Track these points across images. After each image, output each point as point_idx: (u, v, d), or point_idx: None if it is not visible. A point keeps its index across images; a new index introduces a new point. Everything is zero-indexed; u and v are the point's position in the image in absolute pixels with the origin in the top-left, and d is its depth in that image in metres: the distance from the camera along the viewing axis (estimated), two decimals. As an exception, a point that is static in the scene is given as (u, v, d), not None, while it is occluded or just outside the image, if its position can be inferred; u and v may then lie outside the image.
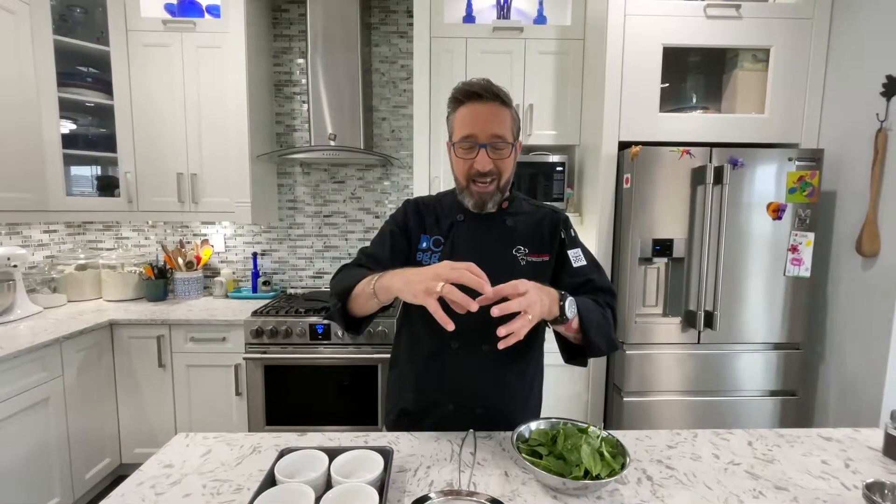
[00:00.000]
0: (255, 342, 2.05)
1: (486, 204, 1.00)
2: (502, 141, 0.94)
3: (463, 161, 0.97)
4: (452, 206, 1.07)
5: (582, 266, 1.05)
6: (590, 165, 2.19)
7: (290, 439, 0.97)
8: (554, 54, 2.25)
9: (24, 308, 2.06)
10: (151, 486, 0.81)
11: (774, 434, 1.02)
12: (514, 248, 1.03)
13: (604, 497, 0.78)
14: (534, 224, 1.06)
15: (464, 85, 0.96)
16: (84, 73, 2.32)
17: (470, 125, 0.94)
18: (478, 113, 0.94)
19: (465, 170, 0.97)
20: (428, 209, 1.09)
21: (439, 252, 1.04)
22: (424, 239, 1.06)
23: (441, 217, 1.07)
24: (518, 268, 1.02)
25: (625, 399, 1.96)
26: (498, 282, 0.94)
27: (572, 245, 1.06)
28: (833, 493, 0.80)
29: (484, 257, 0.98)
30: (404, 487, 0.80)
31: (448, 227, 1.05)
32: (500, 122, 0.95)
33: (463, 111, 0.96)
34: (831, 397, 1.95)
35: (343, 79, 2.34)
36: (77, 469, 1.89)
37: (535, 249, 1.04)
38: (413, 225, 1.07)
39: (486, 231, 1.04)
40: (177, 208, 2.34)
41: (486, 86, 0.94)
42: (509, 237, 1.04)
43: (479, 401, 1.03)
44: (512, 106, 0.98)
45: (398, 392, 1.11)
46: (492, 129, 0.93)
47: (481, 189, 0.97)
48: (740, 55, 2.03)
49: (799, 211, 1.89)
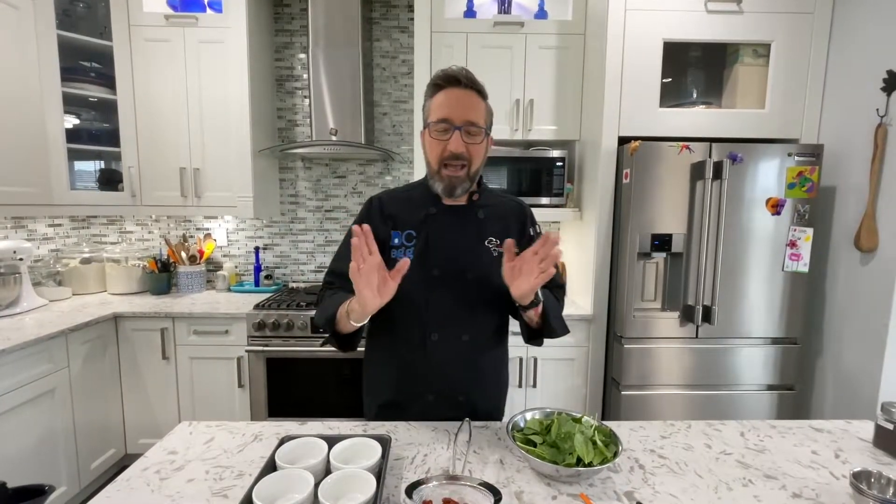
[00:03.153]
0: (257, 335, 2.08)
1: (456, 189, 1.00)
2: (476, 127, 0.96)
3: (437, 143, 0.97)
4: (424, 198, 1.07)
5: None
6: (589, 160, 2.20)
7: (291, 428, 0.99)
8: (554, 49, 2.25)
9: (30, 301, 2.09)
10: (156, 471, 0.83)
11: (767, 425, 1.03)
12: (487, 240, 1.06)
13: (596, 484, 0.80)
14: (503, 217, 1.09)
15: (443, 71, 0.98)
16: (87, 68, 2.33)
17: (447, 109, 0.96)
18: (455, 97, 0.96)
19: (438, 152, 0.98)
20: (396, 203, 1.09)
21: (412, 247, 1.04)
22: (396, 235, 1.05)
23: (412, 210, 1.07)
24: (490, 259, 1.04)
25: (623, 392, 1.98)
26: (472, 272, 1.02)
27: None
28: (822, 482, 0.82)
29: (458, 249, 1.04)
30: (401, 474, 0.82)
31: (420, 220, 1.05)
32: (475, 109, 0.97)
33: (440, 96, 0.97)
34: (828, 391, 1.96)
35: (344, 74, 2.34)
36: (83, 459, 1.92)
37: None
38: (381, 225, 1.05)
39: (459, 223, 1.06)
40: (179, 203, 2.36)
41: (466, 74, 0.97)
42: (481, 229, 1.06)
43: (459, 389, 1.06)
44: (487, 100, 1.00)
45: (377, 389, 1.12)
46: (467, 114, 0.95)
47: (452, 173, 0.98)
48: (741, 50, 2.03)
49: (798, 206, 1.89)
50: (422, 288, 1.02)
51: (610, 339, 2.12)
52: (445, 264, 1.02)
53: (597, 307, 2.11)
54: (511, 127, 2.28)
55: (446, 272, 1.02)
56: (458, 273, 1.02)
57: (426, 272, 1.02)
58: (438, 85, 0.98)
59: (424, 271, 1.02)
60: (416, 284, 1.01)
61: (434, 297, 1.02)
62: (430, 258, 1.02)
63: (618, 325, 2.01)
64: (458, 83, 0.96)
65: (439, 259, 1.03)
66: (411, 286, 1.00)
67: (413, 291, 1.01)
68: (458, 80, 0.96)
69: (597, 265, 2.09)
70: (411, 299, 1.02)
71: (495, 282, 1.01)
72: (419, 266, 1.01)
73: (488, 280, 1.02)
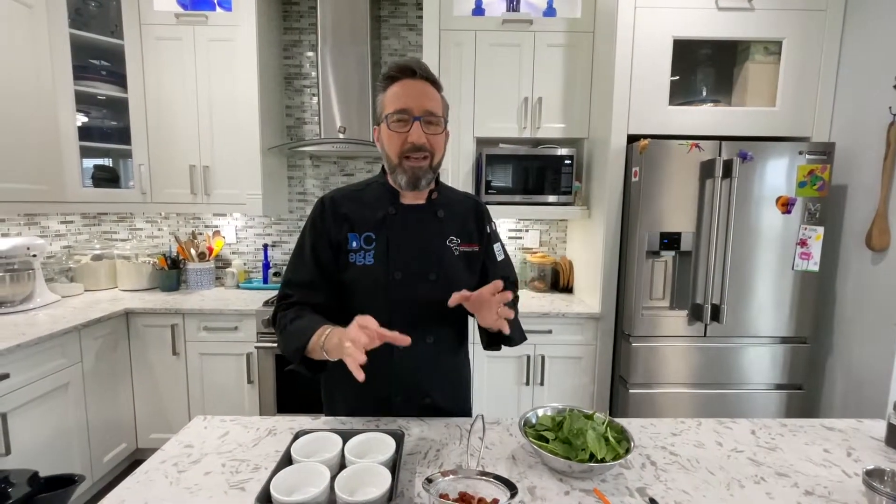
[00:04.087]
0: (266, 332, 2.10)
1: (420, 181, 0.97)
2: (435, 116, 0.94)
3: (396, 135, 0.94)
4: (381, 198, 1.03)
5: (503, 260, 1.13)
6: (598, 159, 2.20)
7: (304, 423, 1.00)
8: (563, 47, 2.25)
9: (44, 297, 2.12)
10: (174, 464, 0.84)
11: (778, 423, 1.03)
12: (448, 239, 1.04)
13: (608, 480, 0.80)
14: (461, 214, 1.08)
15: (397, 61, 0.96)
16: (98, 67, 2.35)
17: (404, 99, 0.93)
18: (412, 87, 0.93)
19: (398, 145, 0.94)
20: (350, 203, 1.03)
21: (372, 250, 1.00)
22: (353, 238, 1.01)
23: (369, 211, 1.02)
24: (452, 258, 1.04)
25: (630, 391, 1.98)
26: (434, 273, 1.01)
27: (496, 239, 1.13)
28: (834, 480, 0.82)
29: (420, 249, 1.02)
30: (415, 468, 0.83)
31: (379, 221, 1.01)
32: (433, 99, 0.95)
33: (395, 88, 0.94)
34: (837, 391, 1.95)
35: (352, 72, 2.35)
36: (95, 452, 1.95)
37: (466, 240, 1.07)
38: (334, 227, 1.01)
39: (420, 223, 1.03)
40: (189, 200, 2.38)
41: (421, 65, 0.95)
42: (442, 228, 1.05)
43: (426, 391, 1.05)
44: (442, 92, 0.99)
45: (341, 395, 1.08)
46: (425, 104, 0.93)
47: (414, 164, 0.95)
48: (752, 48, 2.02)
49: (808, 205, 1.88)
50: (383, 292, 0.99)
51: (618, 338, 2.12)
52: (407, 267, 1.00)
53: (605, 305, 2.11)
54: (519, 125, 2.28)
55: (408, 274, 1.00)
56: (420, 275, 1.00)
57: (388, 275, 0.99)
58: (392, 77, 0.95)
59: (386, 275, 0.99)
60: (378, 288, 0.99)
61: (397, 300, 1.00)
62: (392, 261, 1.00)
63: (626, 323, 2.01)
64: (414, 74, 0.94)
65: (401, 261, 1.00)
66: (373, 290, 1.00)
67: (375, 295, 1.00)
68: (412, 70, 0.93)
69: (605, 263, 2.09)
70: (374, 303, 0.99)
71: (458, 282, 1.01)
72: (381, 269, 0.99)
73: (451, 280, 1.01)
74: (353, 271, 1.01)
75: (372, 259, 1.00)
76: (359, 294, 1.02)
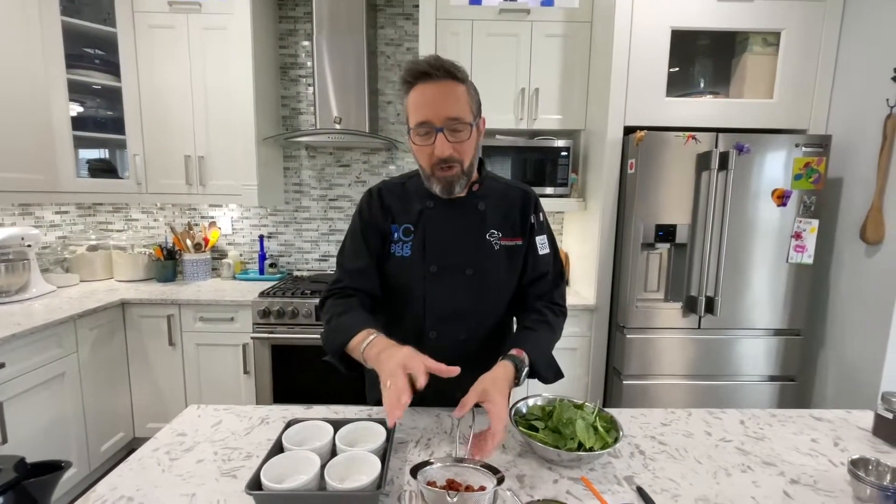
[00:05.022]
0: (262, 322, 2.10)
1: (454, 187, 0.94)
2: (460, 122, 0.88)
3: (422, 148, 0.90)
4: (420, 191, 1.01)
5: (545, 255, 1.06)
6: (594, 150, 2.19)
7: (297, 412, 1.01)
8: (561, 37, 2.23)
9: (39, 287, 2.12)
10: (166, 451, 0.85)
11: (767, 414, 1.04)
12: (488, 233, 1.01)
13: (597, 469, 0.81)
14: (506, 206, 1.03)
15: (411, 64, 0.88)
16: (91, 55, 2.33)
17: (423, 110, 0.87)
18: (430, 95, 0.87)
19: (426, 158, 0.91)
20: (393, 196, 1.04)
21: (410, 242, 1.00)
22: (395, 229, 1.01)
23: (409, 203, 1.02)
24: (492, 253, 1.01)
25: (624, 382, 1.99)
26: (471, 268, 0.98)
27: (540, 230, 1.06)
28: (820, 469, 0.83)
29: (457, 244, 0.99)
30: (405, 457, 0.84)
31: (417, 214, 1.01)
32: (454, 101, 0.87)
33: (414, 95, 0.89)
34: (829, 383, 1.97)
35: (349, 61, 2.33)
36: (93, 441, 1.96)
37: (508, 233, 1.02)
38: (381, 217, 1.02)
39: (458, 217, 1.00)
40: (185, 191, 2.37)
41: (435, 63, 0.86)
42: (482, 222, 1.01)
43: (457, 387, 1.01)
44: (467, 80, 0.90)
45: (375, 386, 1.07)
46: (447, 111, 0.86)
47: (445, 174, 0.92)
48: (750, 38, 2.00)
49: (804, 198, 1.88)
50: (419, 285, 0.99)
51: (612, 330, 2.13)
52: (443, 260, 0.99)
53: (600, 297, 2.12)
54: (516, 116, 2.27)
55: (444, 268, 0.99)
56: (456, 269, 0.99)
57: (424, 268, 0.99)
58: (409, 82, 0.89)
59: (422, 268, 0.99)
60: (414, 281, 0.99)
61: (432, 293, 1.00)
62: (428, 254, 0.99)
63: (620, 315, 2.02)
64: (430, 77, 0.86)
65: (437, 255, 0.99)
66: (409, 283, 1.00)
67: (411, 288, 1.00)
68: (427, 73, 0.86)
69: (600, 255, 2.09)
70: (409, 296, 1.01)
71: (496, 277, 1.00)
72: (417, 261, 0.99)
73: (488, 276, 1.00)
74: (392, 262, 1.01)
75: (409, 251, 1.00)
76: (396, 285, 1.02)
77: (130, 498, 0.72)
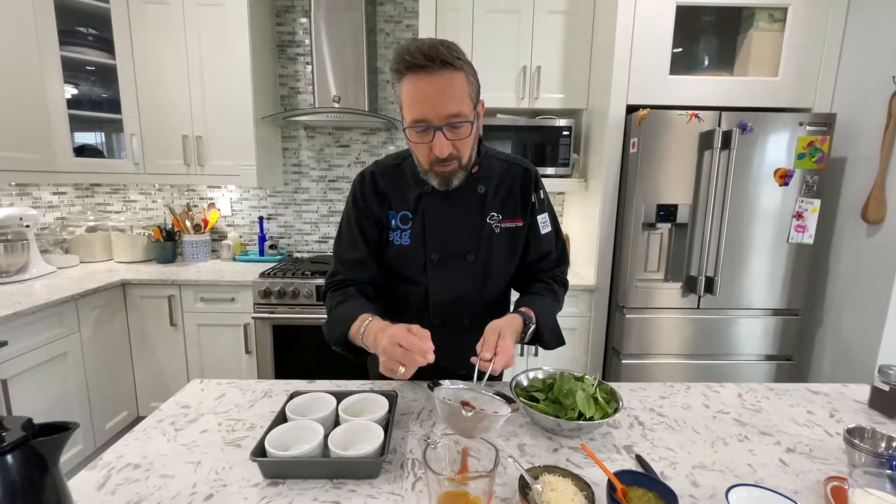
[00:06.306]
0: (263, 302, 2.11)
1: (452, 182, 0.91)
2: (459, 118, 0.81)
3: (420, 146, 0.86)
4: (416, 174, 0.96)
5: (547, 233, 1.04)
6: (596, 130, 2.17)
7: (300, 385, 1.01)
8: (563, 14, 2.19)
9: (39, 267, 2.11)
10: (171, 422, 0.86)
11: (764, 387, 1.05)
12: (489, 216, 0.98)
13: (596, 438, 0.82)
14: (506, 187, 1.00)
15: (404, 54, 0.79)
16: (85, 33, 2.28)
17: (419, 107, 0.80)
18: (426, 91, 0.79)
19: (424, 155, 0.87)
20: (388, 180, 0.99)
21: (409, 229, 0.97)
22: (392, 216, 0.98)
23: (405, 188, 0.98)
24: (493, 236, 0.99)
25: (623, 361, 2.01)
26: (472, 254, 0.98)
27: (542, 209, 1.03)
28: (815, 439, 0.84)
29: (458, 230, 0.98)
30: (408, 427, 0.85)
31: (415, 200, 0.97)
32: (452, 95, 0.80)
33: (408, 87, 0.81)
34: (825, 362, 1.99)
35: (347, 39, 2.29)
36: (97, 419, 1.99)
37: (509, 215, 1.00)
38: (376, 204, 0.98)
39: (458, 201, 0.97)
40: (183, 171, 2.35)
41: (431, 52, 0.77)
42: (482, 205, 0.98)
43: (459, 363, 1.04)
44: (465, 65, 0.82)
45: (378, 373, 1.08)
46: (445, 108, 0.80)
47: (444, 169, 0.88)
48: (756, 14, 1.96)
49: (806, 177, 1.87)
50: (421, 273, 0.98)
51: (612, 309, 2.14)
52: (444, 248, 0.97)
53: (599, 277, 2.12)
54: (517, 95, 2.24)
55: (446, 255, 0.97)
56: (458, 256, 0.98)
57: (424, 257, 0.97)
58: (401, 72, 0.80)
59: (423, 256, 0.97)
60: (415, 270, 0.98)
61: (434, 281, 0.98)
62: (429, 242, 0.97)
63: (620, 295, 2.03)
64: (425, 69, 0.78)
65: (437, 242, 0.97)
66: (409, 271, 0.99)
67: (412, 277, 0.99)
68: (422, 66, 0.78)
69: (601, 235, 2.09)
70: (410, 284, 1.00)
71: (497, 262, 0.99)
72: (417, 250, 0.97)
73: (490, 261, 0.99)
74: (392, 251, 0.99)
75: (409, 239, 0.97)
76: (397, 273, 1.01)
77: (137, 465, 0.73)
